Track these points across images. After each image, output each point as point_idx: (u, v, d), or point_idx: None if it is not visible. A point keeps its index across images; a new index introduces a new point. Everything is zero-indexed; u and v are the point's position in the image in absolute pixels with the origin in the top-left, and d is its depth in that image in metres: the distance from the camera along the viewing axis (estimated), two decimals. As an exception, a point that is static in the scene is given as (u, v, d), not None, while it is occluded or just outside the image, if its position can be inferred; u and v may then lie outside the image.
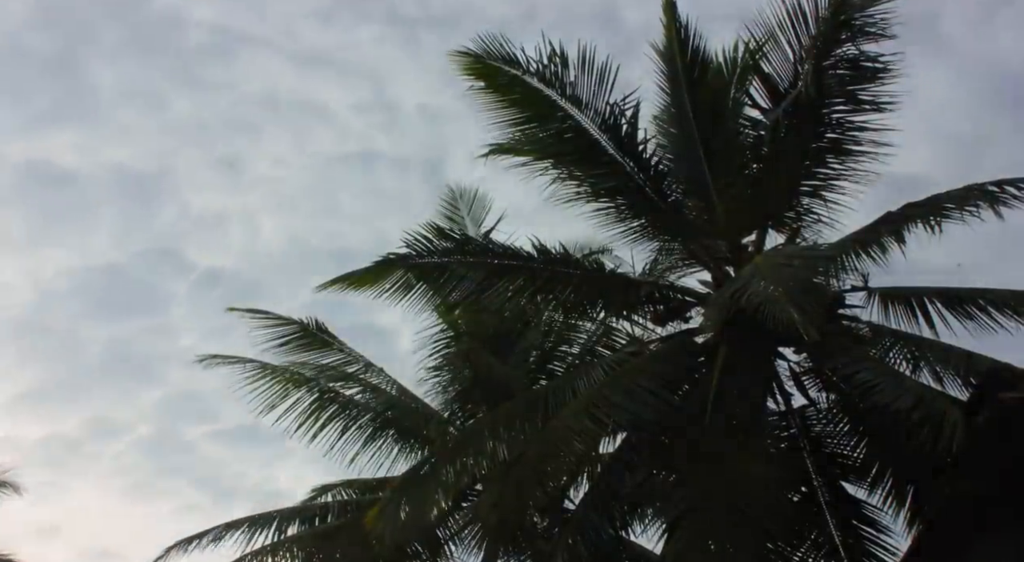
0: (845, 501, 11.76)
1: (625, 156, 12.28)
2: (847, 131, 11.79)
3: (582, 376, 11.88)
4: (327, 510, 14.86)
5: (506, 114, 12.33)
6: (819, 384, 11.84)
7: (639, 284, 12.41)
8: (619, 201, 12.51)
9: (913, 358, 11.23)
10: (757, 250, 12.13)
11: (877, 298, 11.70)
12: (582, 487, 12.98)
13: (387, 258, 11.96)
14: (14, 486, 20.19)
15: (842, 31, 11.18)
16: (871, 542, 11.59)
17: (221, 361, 14.39)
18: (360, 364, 14.68)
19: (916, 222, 10.90)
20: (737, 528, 10.12)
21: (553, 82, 12.02)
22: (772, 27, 11.61)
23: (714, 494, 10.25)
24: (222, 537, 14.26)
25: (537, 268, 12.14)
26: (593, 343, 14.24)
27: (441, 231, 12.24)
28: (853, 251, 11.24)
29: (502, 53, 11.93)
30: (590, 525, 11.43)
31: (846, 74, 11.46)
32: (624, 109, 12.12)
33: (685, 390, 11.82)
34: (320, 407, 14.10)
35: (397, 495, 11.36)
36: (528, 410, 11.47)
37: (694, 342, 12.13)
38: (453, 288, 12.13)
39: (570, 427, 10.82)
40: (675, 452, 11.23)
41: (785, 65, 11.71)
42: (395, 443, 14.32)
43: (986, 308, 11.37)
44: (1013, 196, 10.63)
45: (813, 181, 12.14)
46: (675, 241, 12.53)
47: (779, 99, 11.70)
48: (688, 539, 10.50)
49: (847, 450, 11.77)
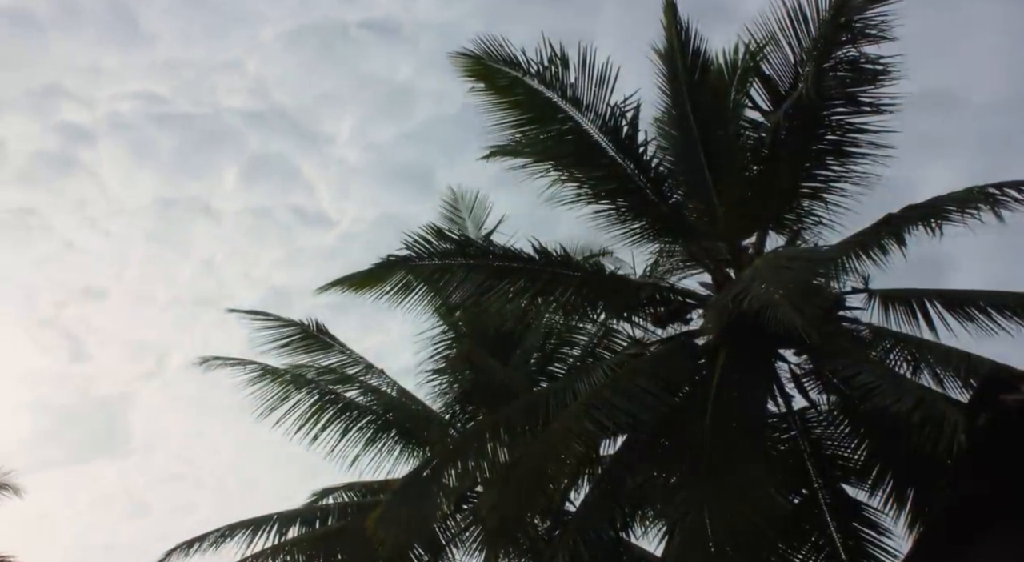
0: (845, 503, 11.75)
1: (625, 158, 12.29)
2: (847, 133, 11.79)
3: (582, 378, 11.88)
4: (328, 512, 14.87)
5: (507, 116, 12.35)
6: (819, 386, 11.83)
7: (639, 286, 12.41)
8: (619, 203, 12.52)
9: (913, 360, 11.23)
10: (757, 252, 12.12)
11: (877, 300, 11.70)
12: (583, 489, 12.97)
13: (387, 260, 11.97)
14: (14, 487, 20.21)
15: (842, 33, 11.18)
16: (871, 544, 11.58)
17: (222, 363, 14.40)
18: (361, 366, 14.69)
19: (916, 224, 10.90)
20: (737, 530, 10.11)
21: (553, 84, 12.04)
22: (772, 29, 11.64)
23: (714, 496, 10.25)
24: (223, 540, 14.26)
25: (538, 270, 12.13)
26: (594, 345, 14.26)
27: (441, 233, 12.24)
28: (853, 253, 11.24)
29: (502, 54, 11.95)
30: (591, 527, 11.44)
31: (846, 76, 11.46)
32: (624, 111, 12.14)
33: (685, 392, 11.82)
34: (321, 409, 14.11)
35: (398, 497, 11.36)
36: (529, 412, 11.48)
37: (694, 344, 12.13)
38: (454, 290, 12.13)
39: (570, 429, 10.82)
40: (675, 454, 11.22)
41: (785, 67, 11.72)
42: (396, 445, 14.33)
43: (986, 310, 11.38)
44: (1014, 198, 10.63)
45: (813, 183, 12.13)
46: (675, 243, 12.53)
47: (779, 101, 11.70)
48: (688, 541, 10.49)
49: (848, 452, 11.76)
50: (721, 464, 10.35)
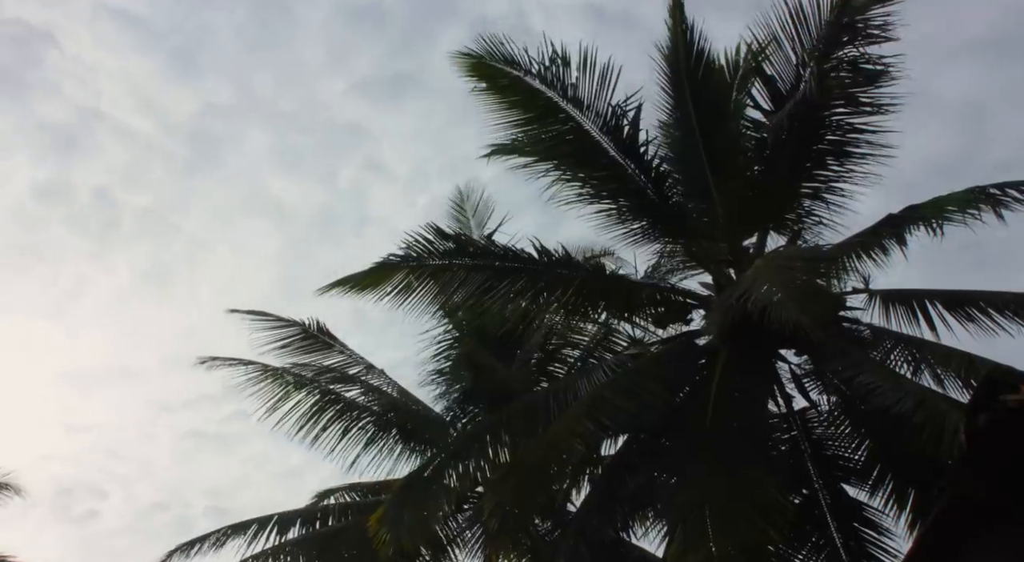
0: (846, 503, 11.74)
1: (627, 158, 12.29)
2: (848, 133, 11.79)
3: (583, 378, 11.89)
4: (329, 513, 14.86)
5: (508, 115, 12.34)
6: (820, 386, 11.83)
7: (640, 286, 12.41)
8: (621, 203, 12.51)
9: (914, 360, 11.22)
10: (758, 252, 12.12)
11: (878, 300, 11.69)
12: (584, 489, 12.97)
13: (388, 260, 11.96)
14: (14, 487, 20.21)
15: (844, 33, 11.18)
16: (872, 544, 11.57)
17: (222, 363, 14.39)
18: (361, 366, 14.68)
19: (918, 224, 10.90)
20: (738, 530, 10.10)
21: (554, 83, 12.03)
22: (774, 29, 11.63)
23: (715, 496, 10.24)
24: (224, 541, 14.26)
25: (539, 270, 12.13)
26: (594, 345, 14.26)
27: (441, 232, 12.23)
28: (854, 253, 11.23)
29: (504, 54, 11.94)
30: (591, 527, 11.44)
31: (847, 76, 11.45)
32: (626, 111, 12.13)
33: (686, 392, 11.81)
34: (321, 409, 14.10)
35: (399, 498, 11.36)
36: (530, 412, 11.47)
37: (695, 344, 12.13)
38: (455, 290, 12.11)
39: (571, 429, 10.82)
40: (676, 454, 11.22)
41: (787, 67, 11.72)
42: (396, 445, 14.32)
43: (987, 310, 11.37)
44: (1014, 199, 10.63)
45: (814, 183, 12.13)
46: (676, 243, 12.53)
47: (781, 101, 11.70)
48: (689, 541, 10.48)
49: (848, 452, 11.75)
50: (721, 464, 10.35)
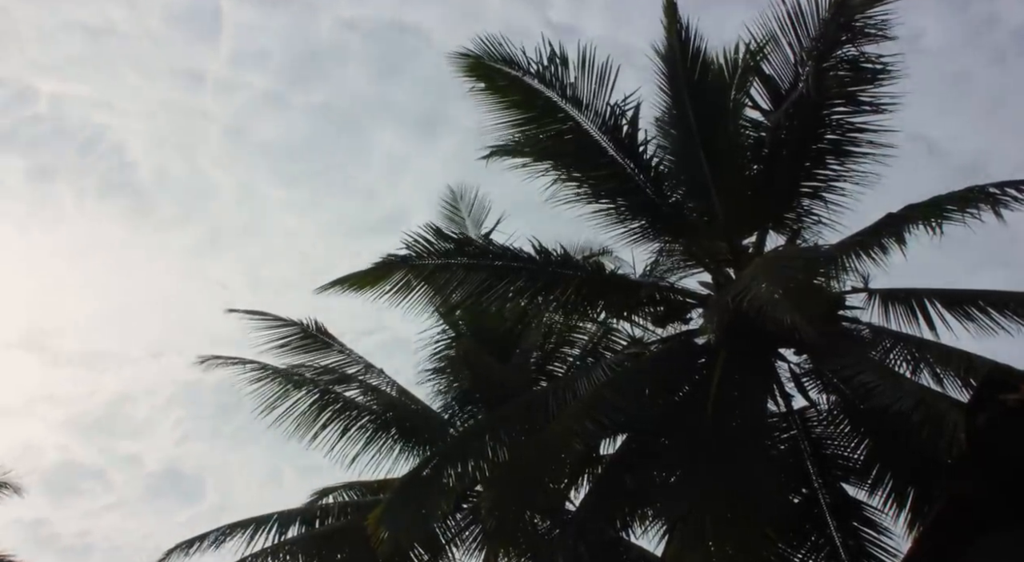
0: (845, 503, 11.75)
1: (625, 157, 12.28)
2: (847, 132, 11.79)
3: (582, 377, 11.88)
4: (328, 512, 14.86)
5: (507, 115, 12.33)
6: (819, 386, 11.82)
7: (639, 285, 12.39)
8: (619, 202, 12.50)
9: (913, 359, 11.22)
10: (757, 251, 12.12)
11: (878, 299, 11.69)
12: (583, 488, 12.97)
13: (387, 260, 11.95)
14: (15, 487, 20.18)
15: (842, 33, 11.18)
16: (871, 544, 11.58)
17: (222, 362, 14.38)
18: (360, 365, 14.67)
19: (917, 223, 10.89)
20: (737, 530, 10.11)
21: (553, 83, 12.02)
22: (773, 28, 11.64)
23: (714, 495, 10.25)
24: (223, 540, 14.24)
25: (538, 269, 12.12)
26: (593, 344, 14.24)
27: (440, 232, 12.23)
28: (853, 252, 11.23)
29: (502, 54, 11.93)
30: (591, 526, 11.43)
31: (846, 75, 11.46)
32: (624, 110, 12.13)
33: (685, 391, 11.82)
34: (320, 408, 14.09)
35: (398, 497, 11.36)
36: (529, 411, 11.47)
37: (694, 343, 12.12)
38: (454, 289, 12.11)
39: (570, 428, 10.83)
40: (675, 453, 11.22)
41: (786, 66, 11.73)
42: (395, 444, 14.31)
43: (986, 309, 11.37)
44: (1014, 198, 10.62)
45: (813, 182, 12.13)
46: (675, 242, 12.51)
47: (780, 100, 11.70)
48: (688, 540, 10.49)
49: (847, 452, 11.75)
50: (721, 464, 10.35)
